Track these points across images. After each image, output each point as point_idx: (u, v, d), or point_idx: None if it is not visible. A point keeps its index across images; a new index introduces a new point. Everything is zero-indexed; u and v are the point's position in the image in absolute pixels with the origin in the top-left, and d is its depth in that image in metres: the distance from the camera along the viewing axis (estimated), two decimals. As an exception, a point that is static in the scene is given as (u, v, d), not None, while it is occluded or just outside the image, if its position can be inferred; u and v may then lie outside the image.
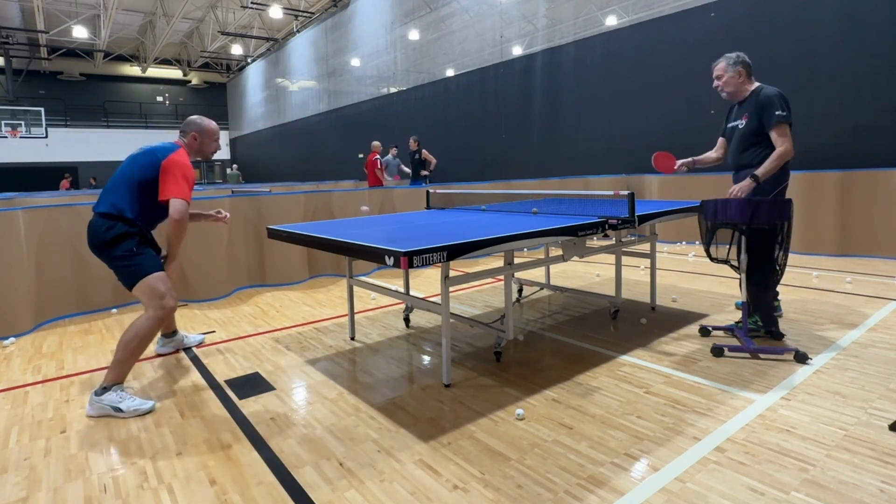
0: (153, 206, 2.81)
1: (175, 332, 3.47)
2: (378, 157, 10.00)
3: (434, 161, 10.14)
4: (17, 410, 2.64)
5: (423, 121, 12.83)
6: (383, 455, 2.10)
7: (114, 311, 4.48)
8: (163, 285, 2.71)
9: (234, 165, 20.69)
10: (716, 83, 3.46)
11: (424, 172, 10.09)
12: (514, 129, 10.46)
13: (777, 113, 3.19)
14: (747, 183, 3.23)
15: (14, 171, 21.47)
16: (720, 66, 3.42)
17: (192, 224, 4.66)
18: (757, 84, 3.38)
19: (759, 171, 3.21)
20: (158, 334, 3.45)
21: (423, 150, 10.06)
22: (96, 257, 2.77)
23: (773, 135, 3.22)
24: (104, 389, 2.55)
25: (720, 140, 3.70)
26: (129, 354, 2.61)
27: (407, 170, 10.54)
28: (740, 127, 3.41)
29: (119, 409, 2.51)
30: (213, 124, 3.11)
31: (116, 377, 2.59)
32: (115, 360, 2.60)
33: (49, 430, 2.42)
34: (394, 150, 10.70)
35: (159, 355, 3.41)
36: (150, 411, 2.56)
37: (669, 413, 2.36)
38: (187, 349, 3.49)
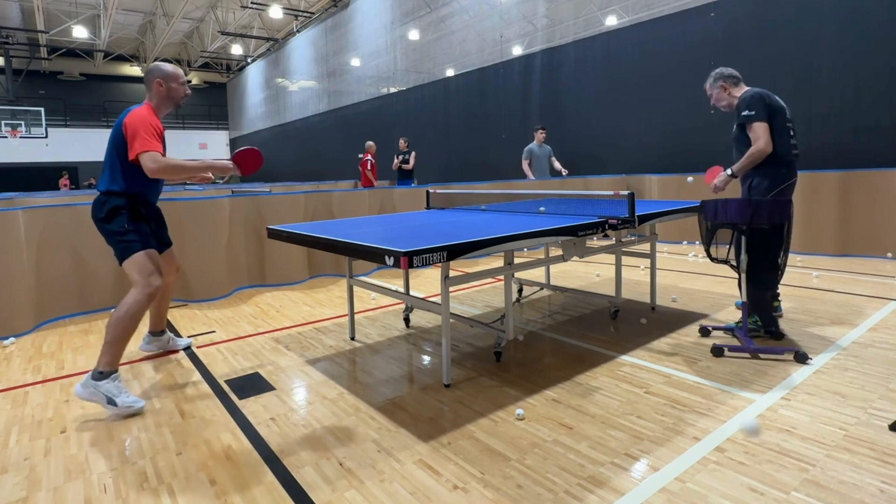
0: (134, 170, 2.74)
1: (163, 331, 3.41)
2: (370, 157, 10.03)
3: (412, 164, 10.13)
4: (17, 410, 2.64)
5: (423, 121, 12.83)
6: (383, 455, 2.10)
7: (113, 310, 4.47)
8: (151, 263, 2.72)
9: None
10: (711, 102, 3.62)
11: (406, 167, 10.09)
12: (514, 129, 10.45)
13: (743, 114, 3.32)
14: (723, 176, 3.46)
15: (14, 171, 21.45)
16: (707, 87, 3.61)
17: (193, 221, 4.69)
18: (744, 89, 3.46)
19: (734, 167, 3.39)
20: (146, 331, 3.41)
21: (414, 152, 10.11)
22: (95, 255, 2.76)
23: (749, 134, 3.33)
24: (101, 374, 2.52)
25: None
26: (122, 333, 2.59)
27: (558, 166, 8.40)
28: (732, 132, 3.54)
29: (113, 403, 2.49)
30: (175, 67, 3.00)
31: (111, 361, 2.56)
32: (106, 341, 2.58)
33: (49, 430, 2.42)
34: (541, 135, 8.32)
35: (149, 356, 3.38)
36: (139, 411, 2.55)
37: (669, 413, 2.36)
38: (186, 349, 3.49)
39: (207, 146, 27.09)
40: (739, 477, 1.86)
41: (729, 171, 3.44)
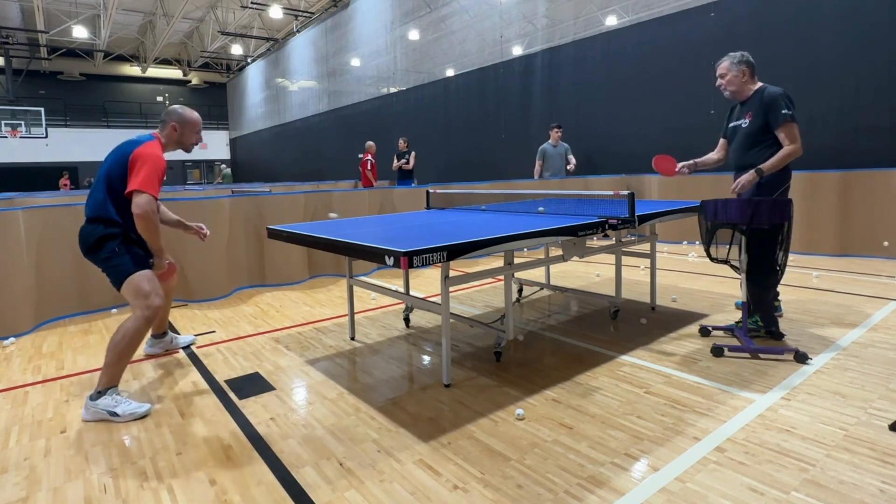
0: (128, 201, 2.66)
1: (165, 332, 3.43)
2: (370, 157, 10.02)
3: (411, 164, 10.02)
4: (17, 410, 2.64)
5: (423, 121, 12.83)
6: (383, 455, 2.10)
7: (114, 311, 4.48)
8: (147, 284, 2.65)
9: (222, 165, 22.46)
10: (719, 82, 3.48)
11: (407, 166, 10.01)
12: (514, 129, 10.46)
13: (784, 112, 3.21)
14: (750, 175, 3.25)
15: (14, 171, 21.48)
16: (724, 65, 3.44)
17: (192, 221, 4.66)
18: (760, 84, 3.40)
19: (765, 166, 3.22)
20: (148, 334, 3.41)
21: (414, 152, 10.08)
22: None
23: (781, 134, 3.23)
24: (99, 393, 2.53)
25: (721, 141, 3.70)
26: (118, 357, 2.56)
27: (572, 164, 8.13)
28: (743, 126, 3.41)
29: (115, 414, 2.48)
30: (195, 115, 2.95)
31: (109, 380, 2.56)
32: (105, 364, 2.56)
33: (49, 430, 2.42)
34: (556, 133, 8.11)
35: (151, 356, 3.38)
36: (146, 415, 2.54)
37: (669, 413, 2.36)
38: (186, 348, 3.49)
39: (207, 146, 27.11)
40: (739, 477, 1.86)
41: (756, 170, 3.22)
